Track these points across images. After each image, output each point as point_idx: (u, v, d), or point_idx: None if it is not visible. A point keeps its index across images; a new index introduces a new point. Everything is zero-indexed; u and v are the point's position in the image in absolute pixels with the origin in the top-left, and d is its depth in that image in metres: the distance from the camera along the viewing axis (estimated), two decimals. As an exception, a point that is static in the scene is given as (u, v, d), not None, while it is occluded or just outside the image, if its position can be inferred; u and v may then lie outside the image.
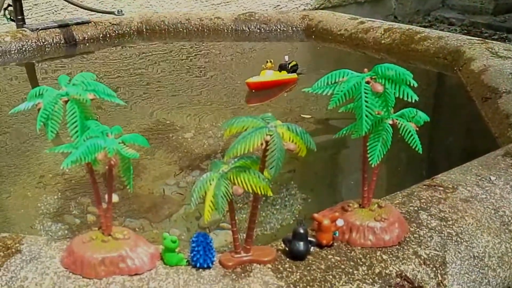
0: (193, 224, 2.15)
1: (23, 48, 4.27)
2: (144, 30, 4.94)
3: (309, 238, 1.47)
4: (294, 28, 4.93)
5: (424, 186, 1.81)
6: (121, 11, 4.93)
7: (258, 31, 4.97)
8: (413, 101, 1.41)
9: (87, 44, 4.61)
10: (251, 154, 1.35)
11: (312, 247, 1.49)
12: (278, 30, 4.94)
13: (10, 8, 4.57)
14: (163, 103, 3.42)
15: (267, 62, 3.57)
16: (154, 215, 2.23)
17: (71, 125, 1.38)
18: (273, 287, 1.36)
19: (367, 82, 1.42)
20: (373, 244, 1.52)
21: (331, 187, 2.60)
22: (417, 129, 1.51)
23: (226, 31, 4.96)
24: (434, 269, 1.50)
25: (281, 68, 3.65)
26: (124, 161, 1.40)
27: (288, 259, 1.46)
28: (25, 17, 4.63)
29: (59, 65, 4.25)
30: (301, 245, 1.45)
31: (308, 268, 1.43)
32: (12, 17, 4.65)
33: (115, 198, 2.26)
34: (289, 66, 3.64)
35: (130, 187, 1.44)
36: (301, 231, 1.45)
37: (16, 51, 4.23)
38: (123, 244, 1.43)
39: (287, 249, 1.48)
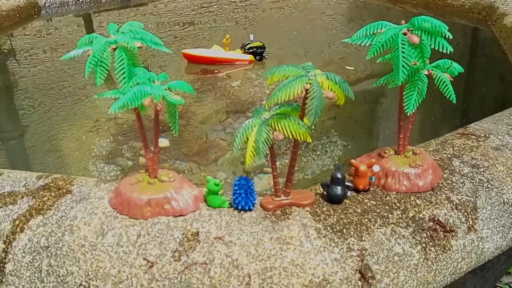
0: (238, 168, 2.14)
1: (80, 0, 4.24)
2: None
3: (346, 183, 1.44)
4: (336, -17, 4.86)
5: (457, 135, 1.77)
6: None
7: (303, -16, 4.89)
8: (448, 52, 1.36)
9: (141, -4, 4.58)
10: (292, 101, 1.31)
11: (349, 192, 1.46)
12: (321, -15, 4.87)
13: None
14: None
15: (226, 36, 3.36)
16: (202, 159, 2.22)
17: (119, 72, 1.35)
18: (311, 229, 1.33)
19: (404, 34, 1.38)
20: (407, 189, 1.49)
21: (369, 135, 2.56)
22: (452, 79, 1.46)
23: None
24: (466, 214, 1.47)
25: (242, 46, 3.37)
26: (170, 107, 1.36)
27: (326, 202, 1.43)
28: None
29: (114, 17, 4.22)
30: (338, 189, 1.42)
31: (345, 211, 1.40)
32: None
33: (165, 142, 2.26)
34: (246, 47, 3.31)
35: (175, 132, 1.40)
36: (339, 176, 1.42)
37: (73, 3, 4.21)
38: (169, 186, 1.40)
39: (325, 193, 1.45)
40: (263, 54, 3.29)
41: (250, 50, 3.27)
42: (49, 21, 4.02)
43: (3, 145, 2.49)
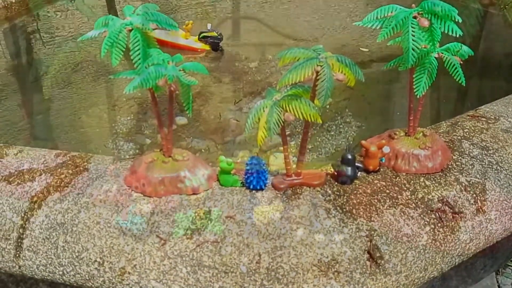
0: (255, 147, 2.12)
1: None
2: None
3: (356, 164, 1.42)
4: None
5: (468, 117, 1.75)
6: None
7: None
8: (458, 35, 1.35)
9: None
10: (303, 83, 1.30)
11: (359, 172, 1.45)
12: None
13: None
14: (230, 35, 3.35)
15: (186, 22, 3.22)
16: (219, 138, 2.21)
17: (134, 53, 1.34)
18: (321, 209, 1.32)
19: (414, 17, 1.37)
20: (417, 171, 1.47)
21: (383, 116, 2.53)
22: (461, 62, 1.45)
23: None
24: (474, 195, 1.45)
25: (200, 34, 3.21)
26: (184, 87, 1.35)
27: (336, 183, 1.42)
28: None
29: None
30: (348, 170, 1.40)
31: (355, 192, 1.39)
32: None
33: (183, 120, 2.25)
34: (200, 36, 3.14)
35: (189, 111, 1.39)
36: (349, 156, 1.40)
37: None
38: (182, 165, 1.39)
39: (335, 173, 1.42)
40: (219, 44, 3.20)
41: (203, 39, 3.19)
42: (73, 1, 4.00)
43: (26, 122, 2.48)
